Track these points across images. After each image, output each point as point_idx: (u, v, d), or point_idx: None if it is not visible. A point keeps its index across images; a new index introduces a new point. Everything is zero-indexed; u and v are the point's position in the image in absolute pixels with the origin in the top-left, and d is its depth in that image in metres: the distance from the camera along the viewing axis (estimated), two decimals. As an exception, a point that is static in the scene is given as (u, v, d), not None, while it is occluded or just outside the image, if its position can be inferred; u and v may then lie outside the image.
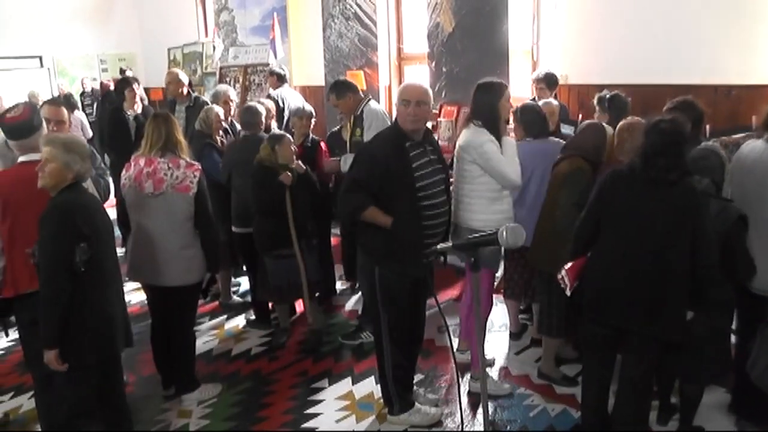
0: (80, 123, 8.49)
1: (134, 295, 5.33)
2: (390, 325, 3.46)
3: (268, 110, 5.19)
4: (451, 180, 3.69)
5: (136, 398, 4.01)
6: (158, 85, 10.05)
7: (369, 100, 4.75)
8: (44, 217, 2.85)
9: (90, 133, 8.72)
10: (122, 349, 3.21)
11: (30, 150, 3.24)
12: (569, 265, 3.11)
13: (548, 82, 5.51)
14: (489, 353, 4.30)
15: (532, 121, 4.11)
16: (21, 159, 3.26)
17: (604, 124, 3.86)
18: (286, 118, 6.42)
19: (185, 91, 6.11)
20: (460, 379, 3.77)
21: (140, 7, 12.21)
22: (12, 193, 3.11)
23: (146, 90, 8.44)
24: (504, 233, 2.03)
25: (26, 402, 4.06)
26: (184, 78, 6.18)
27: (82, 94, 10.89)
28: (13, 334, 4.46)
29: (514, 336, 4.60)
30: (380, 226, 3.24)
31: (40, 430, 3.43)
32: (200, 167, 3.80)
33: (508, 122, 3.89)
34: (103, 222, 3.05)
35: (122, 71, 10.36)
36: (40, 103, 5.00)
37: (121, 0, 12.21)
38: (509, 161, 3.53)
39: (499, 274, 4.55)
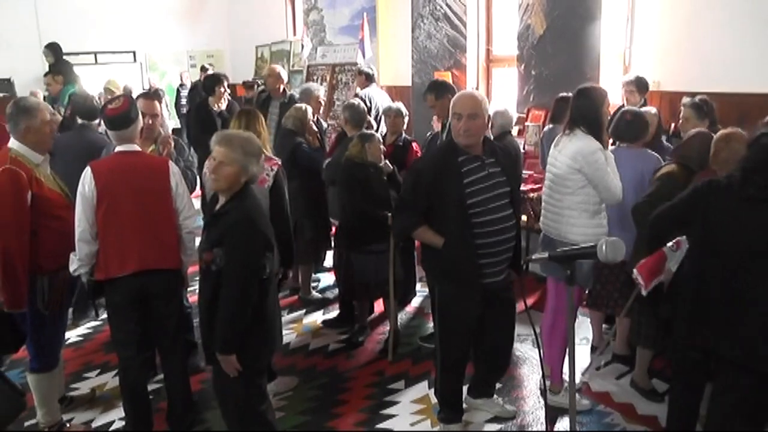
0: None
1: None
2: (442, 344, 3.39)
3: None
4: (531, 193, 3.57)
5: (211, 387, 4.09)
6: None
7: None
8: (232, 226, 2.77)
9: (168, 128, 9.02)
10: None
11: (127, 140, 3.37)
12: (642, 262, 2.95)
13: (638, 85, 5.28)
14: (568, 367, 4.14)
15: (633, 125, 3.93)
16: (118, 148, 3.38)
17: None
18: (372, 117, 6.44)
19: (282, 88, 6.23)
20: (546, 392, 3.64)
21: (230, 6, 12.56)
22: (108, 180, 3.22)
23: (232, 87, 8.66)
24: (603, 247, 1.95)
25: (111, 380, 4.23)
26: (284, 75, 6.31)
27: (181, 85, 11.28)
28: (102, 315, 4.65)
29: (596, 350, 4.43)
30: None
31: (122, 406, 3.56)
32: (279, 163, 3.90)
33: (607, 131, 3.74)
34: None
35: (203, 69, 10.66)
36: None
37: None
38: (613, 174, 3.39)
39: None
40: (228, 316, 2.77)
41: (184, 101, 10.81)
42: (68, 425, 3.73)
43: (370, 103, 6.59)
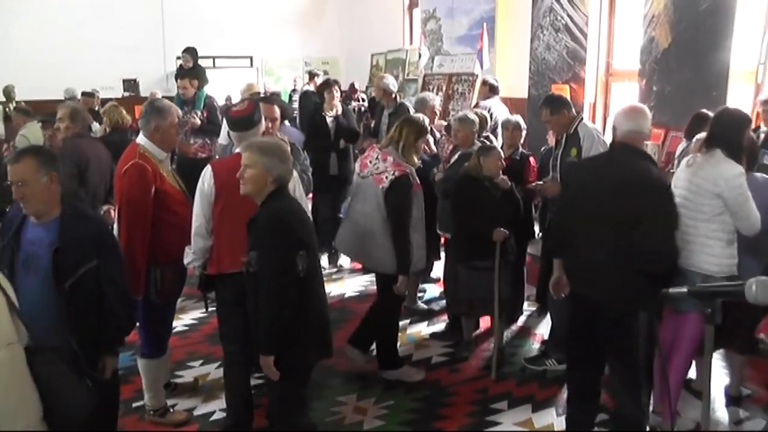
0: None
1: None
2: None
3: (483, 119, 5.21)
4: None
5: (312, 387, 4.15)
6: (358, 89, 10.58)
7: (582, 118, 4.50)
8: (262, 227, 2.88)
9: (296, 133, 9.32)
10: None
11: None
12: None
13: (777, 105, 4.94)
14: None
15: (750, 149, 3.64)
16: (238, 150, 3.46)
17: None
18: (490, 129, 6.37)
19: (394, 96, 6.34)
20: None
21: (348, 15, 12.89)
22: (227, 179, 3.29)
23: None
24: (753, 287, 1.78)
25: (213, 371, 4.41)
26: (393, 87, 6.42)
27: (293, 91, 11.68)
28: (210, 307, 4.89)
29: (734, 401, 3.95)
30: None
31: (224, 398, 3.67)
32: (407, 172, 3.96)
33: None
34: (312, 227, 3.13)
35: (311, 75, 10.95)
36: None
37: (330, 7, 12.98)
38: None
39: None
40: (266, 317, 2.84)
41: (295, 105, 11.19)
42: (172, 410, 3.89)
43: (490, 115, 6.55)
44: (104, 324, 2.86)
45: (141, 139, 3.60)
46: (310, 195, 5.40)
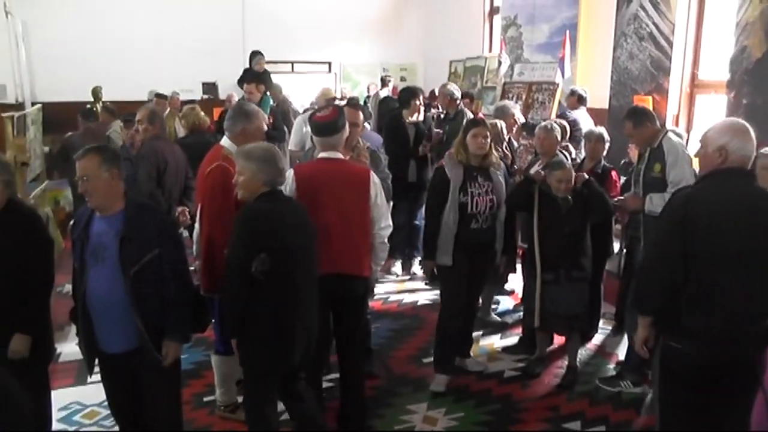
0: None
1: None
2: (662, 411, 2.91)
3: (563, 129, 5.18)
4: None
5: (382, 394, 4.28)
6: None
7: (667, 131, 4.33)
8: (235, 222, 3.05)
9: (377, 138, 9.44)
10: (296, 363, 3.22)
11: (331, 147, 3.55)
12: None
13: None
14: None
15: None
16: (322, 155, 3.58)
17: None
18: (577, 141, 6.28)
19: (459, 104, 6.40)
20: None
21: (427, 21, 12.91)
22: (309, 184, 3.42)
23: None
24: None
25: None
26: (457, 92, 6.54)
27: (367, 98, 11.83)
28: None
29: None
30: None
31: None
32: None
33: None
34: (297, 235, 3.10)
35: (384, 81, 11.04)
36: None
37: (409, 14, 13.02)
38: None
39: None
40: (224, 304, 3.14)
41: (369, 110, 11.34)
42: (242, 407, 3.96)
43: (575, 126, 6.46)
44: (167, 311, 2.99)
45: (225, 141, 3.68)
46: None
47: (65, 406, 4.11)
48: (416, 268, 6.61)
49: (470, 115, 6.47)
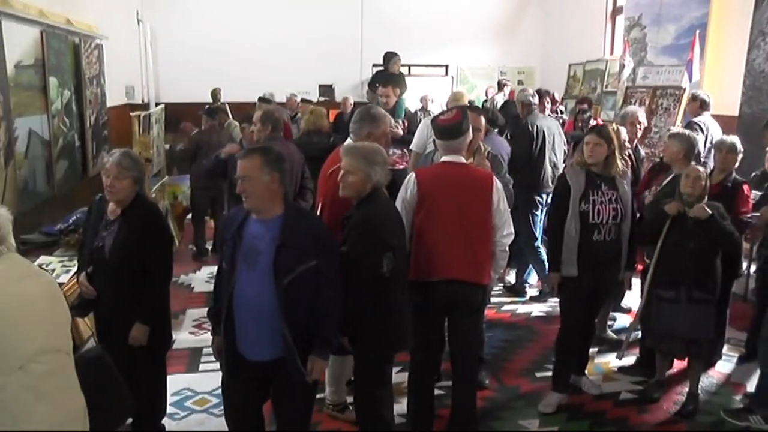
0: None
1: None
2: None
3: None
4: None
5: (493, 406, 4.28)
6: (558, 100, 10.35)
7: None
8: (353, 226, 3.10)
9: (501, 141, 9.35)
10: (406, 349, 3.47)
11: (454, 151, 3.52)
12: None
13: None
14: None
15: None
16: (444, 158, 3.56)
17: None
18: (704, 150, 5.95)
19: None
20: None
21: (546, 24, 12.69)
22: (430, 187, 3.42)
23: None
24: None
25: (395, 375, 4.46)
26: (533, 99, 6.36)
27: (485, 101, 11.76)
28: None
29: None
30: None
31: (406, 403, 3.83)
32: None
33: None
34: (403, 234, 3.29)
35: (500, 84, 10.91)
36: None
37: (528, 17, 12.84)
38: None
39: None
40: (340, 306, 3.02)
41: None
42: (351, 408, 3.92)
43: (705, 133, 6.16)
44: (317, 325, 2.91)
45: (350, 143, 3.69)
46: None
47: (177, 391, 4.36)
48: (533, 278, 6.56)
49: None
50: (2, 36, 5.08)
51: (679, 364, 4.70)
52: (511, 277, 6.65)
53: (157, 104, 10.43)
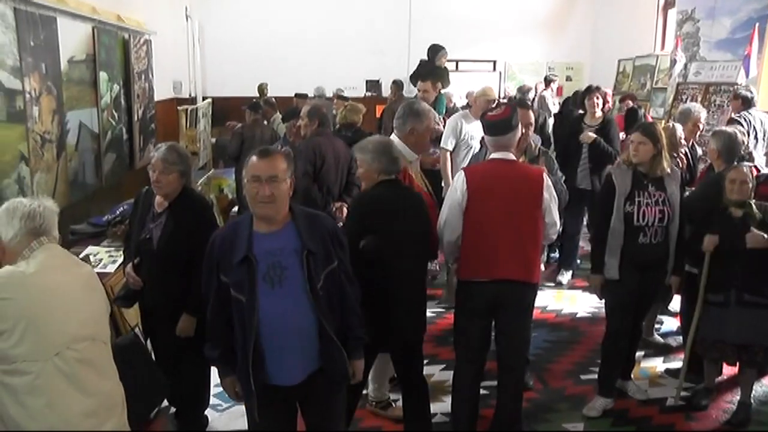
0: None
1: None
2: None
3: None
4: None
5: (538, 408, 4.22)
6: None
7: None
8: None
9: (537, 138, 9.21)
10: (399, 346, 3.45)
11: (503, 148, 3.44)
12: None
13: None
14: None
15: None
16: (493, 155, 3.48)
17: None
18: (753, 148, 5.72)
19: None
20: None
21: (596, 18, 12.48)
22: (480, 185, 3.36)
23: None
24: None
25: (437, 373, 4.55)
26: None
27: (533, 99, 11.57)
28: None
29: None
30: None
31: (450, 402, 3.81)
32: None
33: None
34: (406, 220, 3.24)
35: (547, 80, 10.72)
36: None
37: (577, 11, 12.65)
38: None
39: None
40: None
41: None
42: (394, 405, 3.97)
43: (747, 127, 5.91)
44: (347, 326, 2.78)
45: (394, 138, 3.71)
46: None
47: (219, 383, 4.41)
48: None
49: None
50: (57, 32, 5.21)
51: (728, 370, 4.54)
52: (564, 278, 6.54)
53: (204, 99, 10.60)
